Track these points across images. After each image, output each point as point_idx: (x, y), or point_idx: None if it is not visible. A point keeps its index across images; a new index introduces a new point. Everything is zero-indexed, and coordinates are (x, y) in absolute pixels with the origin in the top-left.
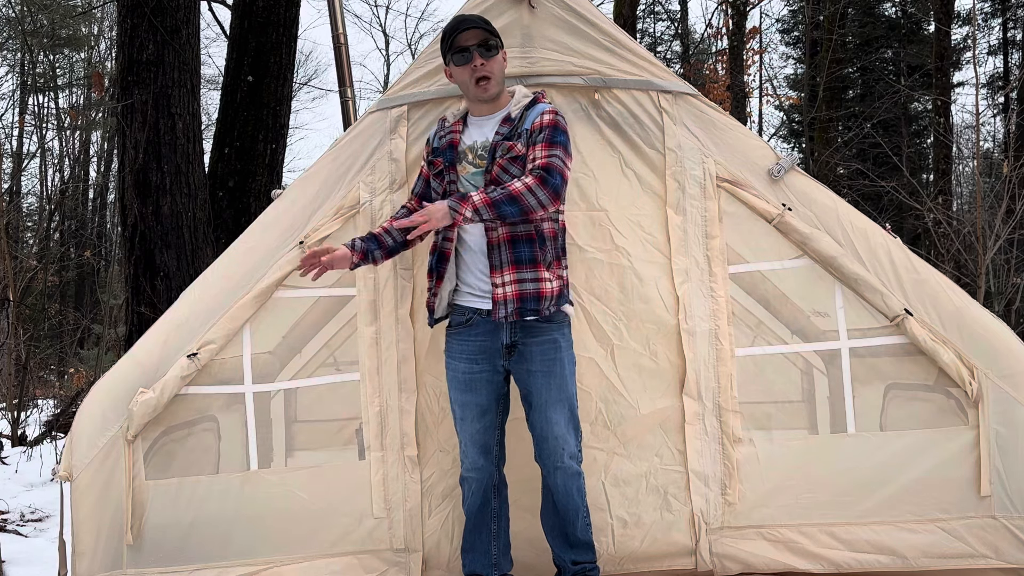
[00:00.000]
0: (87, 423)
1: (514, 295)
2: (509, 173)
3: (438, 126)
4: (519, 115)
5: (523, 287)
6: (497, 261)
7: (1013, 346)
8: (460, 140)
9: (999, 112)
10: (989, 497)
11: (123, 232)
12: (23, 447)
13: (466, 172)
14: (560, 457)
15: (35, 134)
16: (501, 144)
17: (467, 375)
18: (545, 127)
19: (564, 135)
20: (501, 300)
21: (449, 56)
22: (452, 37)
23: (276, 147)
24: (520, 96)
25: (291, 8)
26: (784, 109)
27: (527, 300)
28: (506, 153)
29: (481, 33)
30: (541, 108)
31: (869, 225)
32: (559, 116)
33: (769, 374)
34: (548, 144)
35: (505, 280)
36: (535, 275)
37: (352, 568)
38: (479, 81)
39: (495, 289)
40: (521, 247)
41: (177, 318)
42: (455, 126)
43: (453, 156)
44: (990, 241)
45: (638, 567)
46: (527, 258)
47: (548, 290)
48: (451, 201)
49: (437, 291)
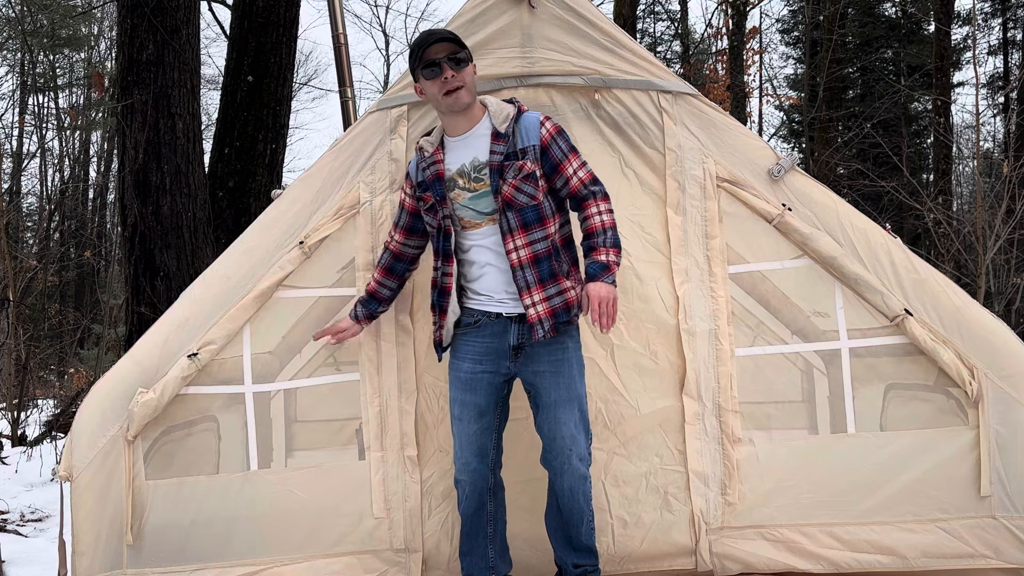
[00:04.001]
0: (87, 423)
1: (547, 312)
2: (524, 192)
3: (417, 156)
4: (510, 130)
5: (553, 303)
6: (523, 282)
7: (1013, 346)
8: (444, 170)
9: (999, 112)
10: (989, 497)
11: (123, 232)
12: (23, 447)
13: (461, 199)
14: (568, 459)
15: (35, 134)
16: (510, 166)
17: (469, 374)
18: (557, 137)
19: (568, 134)
20: (536, 320)
21: (419, 71)
22: (420, 52)
23: (276, 147)
24: (498, 109)
25: (291, 8)
26: (784, 109)
27: (559, 314)
28: (518, 173)
29: (449, 46)
30: (535, 119)
31: (869, 225)
32: (552, 119)
33: (769, 374)
34: (575, 153)
35: (535, 299)
36: (559, 288)
37: (352, 568)
38: (448, 93)
39: (528, 310)
40: (543, 264)
41: (177, 318)
42: (435, 155)
43: (443, 188)
44: (990, 241)
45: (638, 567)
46: (548, 274)
47: (573, 298)
48: (605, 278)
49: (442, 324)
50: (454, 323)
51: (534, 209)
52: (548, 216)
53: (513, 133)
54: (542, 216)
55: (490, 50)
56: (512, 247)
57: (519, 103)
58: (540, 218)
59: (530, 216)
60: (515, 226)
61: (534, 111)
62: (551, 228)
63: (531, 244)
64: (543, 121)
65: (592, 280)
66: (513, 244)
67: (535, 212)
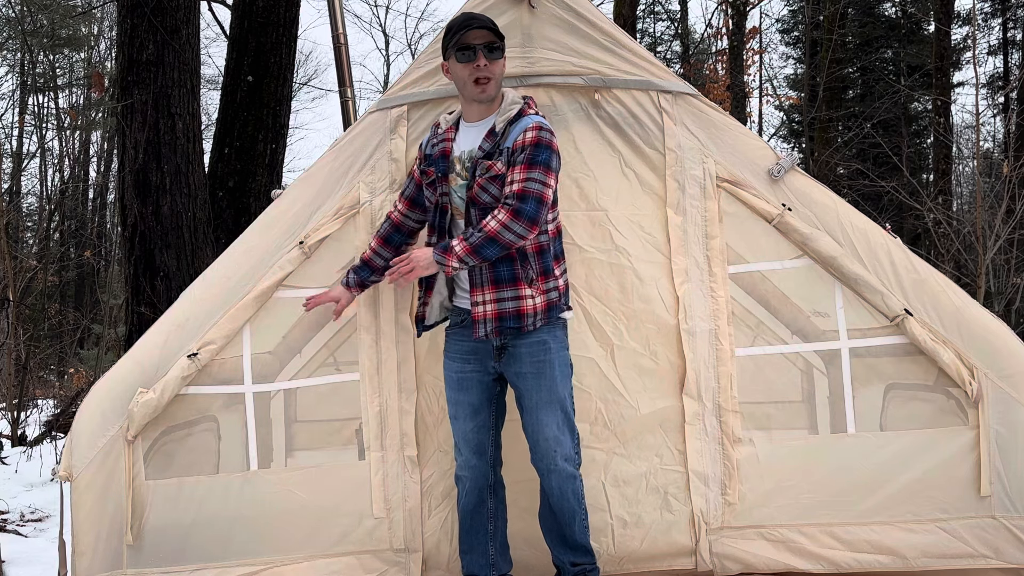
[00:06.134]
0: (87, 423)
1: (493, 314)
2: (489, 192)
3: (431, 132)
4: (503, 129)
5: (502, 306)
6: (477, 280)
7: (1013, 346)
8: (452, 149)
9: (999, 112)
10: (989, 497)
11: (123, 232)
12: (23, 447)
13: (455, 184)
14: (553, 460)
15: (35, 134)
16: (481, 163)
17: (459, 374)
18: (527, 146)
19: (547, 151)
20: (480, 319)
21: (452, 51)
22: (459, 33)
23: (276, 147)
24: (508, 104)
25: (291, 8)
26: (784, 109)
27: (506, 319)
28: (485, 172)
29: (488, 35)
30: (525, 124)
31: (869, 225)
32: (543, 131)
33: (769, 374)
34: (527, 166)
35: (485, 299)
36: (515, 293)
37: (352, 568)
38: (478, 81)
39: (475, 308)
40: (501, 267)
41: (177, 318)
42: (447, 133)
43: (446, 166)
44: (990, 241)
45: (638, 567)
46: (507, 277)
47: (530, 307)
48: (436, 253)
49: (427, 300)
50: (437, 324)
51: None
52: None
53: (503, 133)
54: None
55: None
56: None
57: (529, 103)
58: None
59: None
60: (477, 223)
61: (535, 116)
62: None
63: None
64: (529, 128)
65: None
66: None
67: None
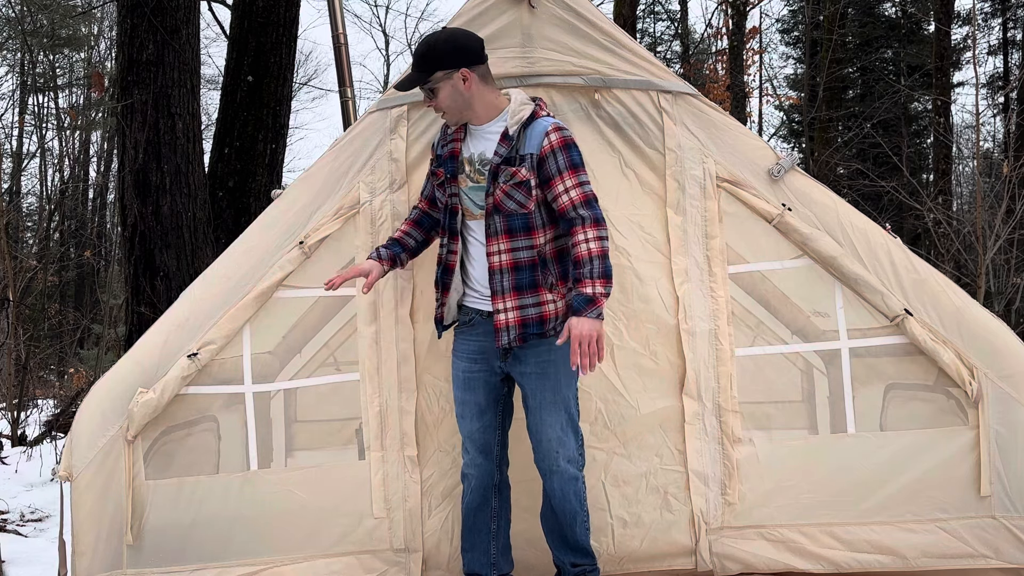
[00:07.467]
0: (87, 423)
1: (516, 321)
2: (514, 199)
3: (441, 132)
4: (516, 133)
5: (525, 313)
6: (499, 287)
7: (1013, 346)
8: (461, 150)
9: (999, 112)
10: (989, 497)
11: (123, 232)
12: (23, 447)
13: (465, 186)
14: (555, 460)
15: (35, 134)
16: (504, 170)
17: (466, 374)
18: (558, 151)
19: (576, 150)
20: (503, 327)
21: None
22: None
23: (276, 147)
24: (517, 106)
25: (291, 8)
26: (784, 109)
27: (529, 325)
28: (510, 179)
29: (416, 76)
30: (543, 127)
31: (869, 225)
32: (564, 131)
33: (769, 374)
34: (573, 170)
35: (507, 306)
36: (536, 299)
37: (352, 568)
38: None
39: (497, 315)
40: (523, 273)
41: (177, 318)
42: (456, 134)
43: (455, 167)
44: (990, 241)
45: (638, 567)
46: (528, 283)
47: (551, 312)
48: (589, 313)
49: (444, 301)
50: (454, 324)
51: (523, 217)
52: (537, 227)
53: (519, 137)
54: (530, 226)
55: (490, 50)
56: (494, 250)
57: (539, 104)
58: (528, 227)
59: (517, 223)
60: (500, 230)
61: (550, 118)
62: (539, 239)
63: (513, 251)
64: (549, 131)
65: (576, 315)
66: (496, 247)
67: (523, 220)
